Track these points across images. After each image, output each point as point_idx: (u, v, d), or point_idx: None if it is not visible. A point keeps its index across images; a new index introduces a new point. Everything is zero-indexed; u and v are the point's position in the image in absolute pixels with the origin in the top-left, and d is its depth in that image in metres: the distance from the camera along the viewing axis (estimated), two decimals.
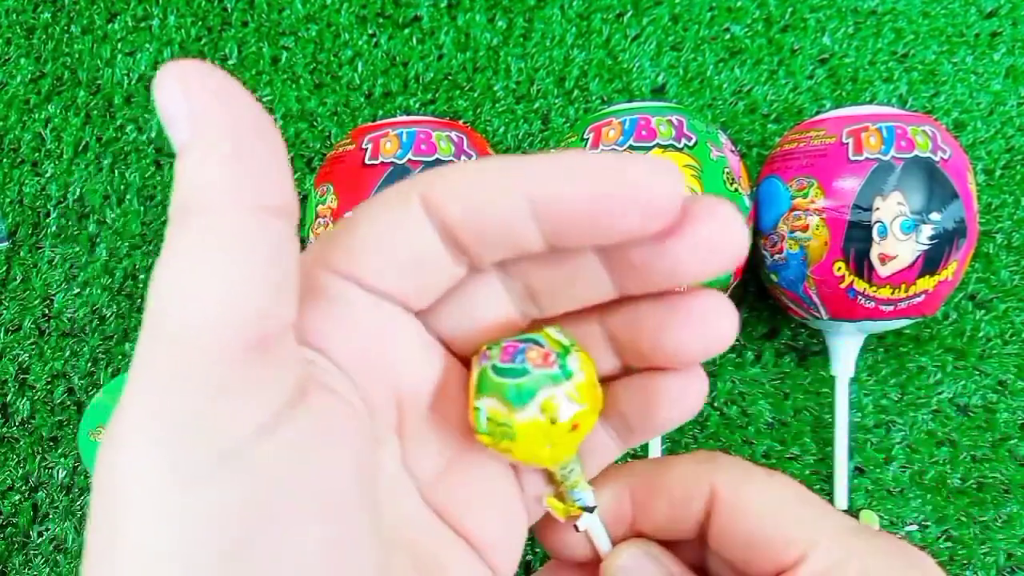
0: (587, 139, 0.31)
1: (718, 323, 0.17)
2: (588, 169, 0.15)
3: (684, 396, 0.18)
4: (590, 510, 0.19)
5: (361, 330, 0.16)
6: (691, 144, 0.30)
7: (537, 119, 0.40)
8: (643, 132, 0.30)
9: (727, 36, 0.41)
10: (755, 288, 0.37)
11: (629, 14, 0.41)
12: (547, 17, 0.41)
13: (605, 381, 0.19)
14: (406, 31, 0.41)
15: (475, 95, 0.40)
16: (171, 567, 0.12)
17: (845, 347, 0.34)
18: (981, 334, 0.37)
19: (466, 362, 0.19)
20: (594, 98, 0.40)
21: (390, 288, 0.17)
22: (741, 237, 0.15)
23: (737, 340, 0.38)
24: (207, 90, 0.13)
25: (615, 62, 0.41)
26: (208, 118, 0.13)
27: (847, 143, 0.31)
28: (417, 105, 0.40)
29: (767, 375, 0.37)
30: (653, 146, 0.30)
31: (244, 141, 0.13)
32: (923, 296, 0.31)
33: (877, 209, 0.29)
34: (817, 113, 0.36)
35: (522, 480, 0.19)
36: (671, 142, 0.30)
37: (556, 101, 0.40)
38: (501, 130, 0.40)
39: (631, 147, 0.30)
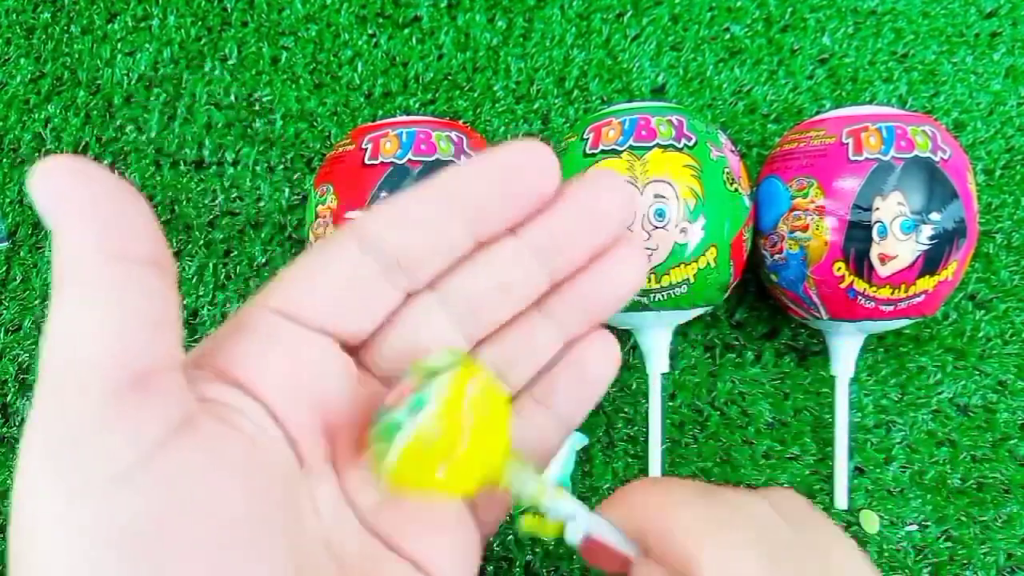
0: (587, 139, 0.31)
1: (625, 266, 0.20)
2: (493, 169, 0.18)
3: (605, 354, 0.21)
4: (571, 518, 0.18)
5: (290, 366, 0.18)
6: (691, 144, 0.30)
7: (537, 119, 0.40)
8: (643, 132, 0.30)
9: (727, 36, 0.41)
10: (755, 288, 0.37)
11: (629, 14, 0.41)
12: (547, 17, 0.41)
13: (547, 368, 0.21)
14: (406, 31, 0.41)
15: (475, 95, 0.40)
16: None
17: (845, 347, 0.34)
18: (981, 334, 0.37)
19: None
20: (594, 98, 0.40)
21: (324, 318, 0.18)
22: (618, 195, 0.20)
23: (737, 340, 0.38)
24: (67, 177, 0.14)
25: (615, 62, 0.41)
26: (70, 201, 0.14)
27: (847, 143, 0.31)
28: (417, 105, 0.40)
29: (767, 375, 0.37)
30: (653, 146, 0.30)
31: (102, 211, 0.14)
32: (923, 296, 0.31)
33: (877, 209, 0.29)
34: (817, 113, 0.36)
35: (478, 500, 0.20)
36: (671, 142, 0.30)
37: (556, 101, 0.40)
38: (501, 130, 0.40)
39: (631, 147, 0.30)
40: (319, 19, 0.41)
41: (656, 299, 0.31)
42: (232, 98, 0.41)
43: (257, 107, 0.41)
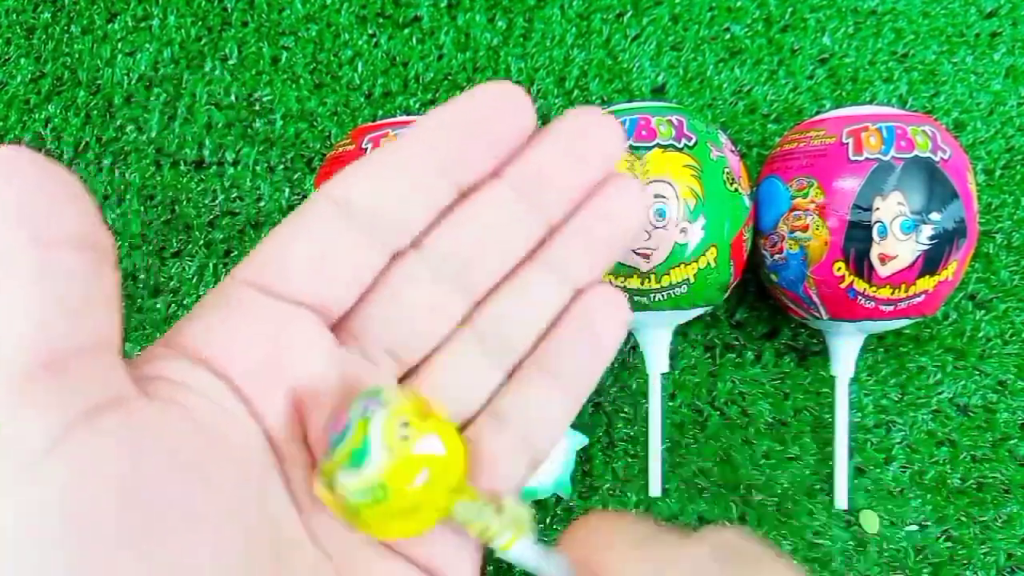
0: None
1: (622, 198, 0.19)
2: (466, 112, 0.18)
3: (613, 307, 0.20)
4: (533, 565, 0.17)
5: (261, 342, 0.17)
6: (691, 144, 0.30)
7: (537, 119, 0.40)
8: (643, 132, 0.30)
9: (727, 36, 0.41)
10: (755, 288, 0.37)
11: (629, 14, 0.41)
12: (547, 17, 0.41)
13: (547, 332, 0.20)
14: (406, 31, 0.41)
15: None
16: None
17: (845, 347, 0.34)
18: (981, 334, 0.37)
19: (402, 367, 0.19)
20: (594, 98, 0.40)
21: (299, 288, 0.17)
22: (604, 126, 0.19)
23: (737, 340, 0.38)
24: None
25: (615, 62, 0.41)
26: None
27: (847, 143, 0.31)
28: (417, 105, 0.40)
29: (767, 375, 0.37)
30: (653, 146, 0.30)
31: (30, 198, 0.14)
32: (923, 296, 0.31)
33: (877, 209, 0.29)
34: (817, 113, 0.36)
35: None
36: (671, 142, 0.30)
37: (556, 101, 0.40)
38: None
39: (631, 147, 0.30)
40: (319, 19, 0.42)
41: (656, 299, 0.31)
42: (232, 98, 0.41)
43: (257, 107, 0.41)
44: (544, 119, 0.40)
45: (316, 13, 0.42)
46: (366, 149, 0.31)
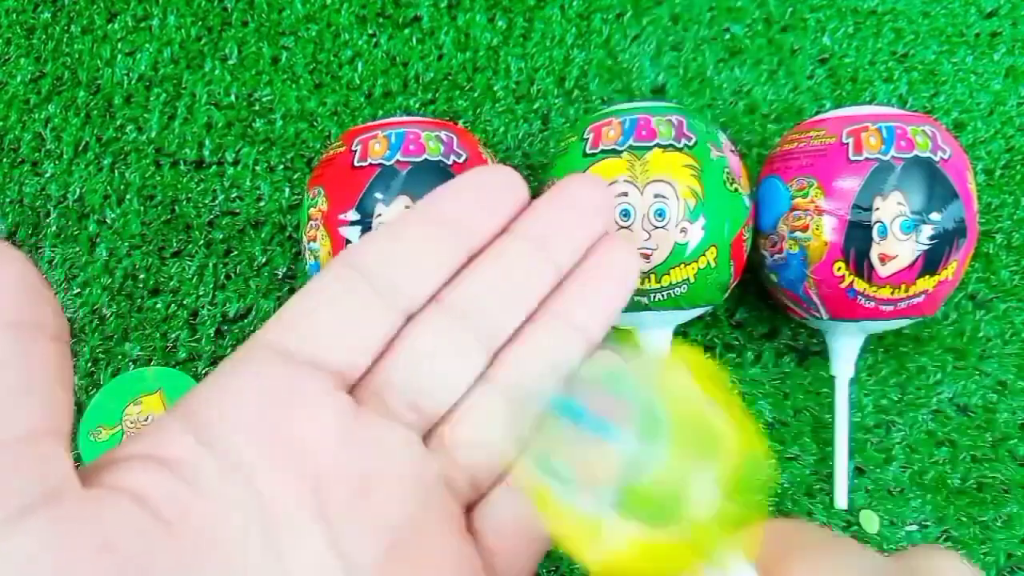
0: (587, 139, 0.31)
1: (617, 254, 0.22)
2: (469, 185, 0.21)
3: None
4: None
5: (269, 406, 0.17)
6: (691, 144, 0.30)
7: (537, 119, 0.40)
8: (643, 132, 0.30)
9: (727, 36, 0.41)
10: (755, 288, 0.37)
11: (629, 14, 0.41)
12: (547, 17, 0.41)
13: None
14: (406, 31, 0.41)
15: (475, 95, 0.40)
16: None
17: (845, 347, 0.34)
18: (981, 334, 0.37)
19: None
20: (594, 98, 0.40)
21: (315, 349, 0.17)
22: (596, 190, 0.23)
23: (737, 340, 0.38)
24: None
25: (615, 62, 0.41)
26: None
27: (847, 143, 0.30)
28: (417, 105, 0.40)
29: (767, 375, 0.37)
30: (653, 146, 0.30)
31: None
32: (923, 296, 0.31)
33: (877, 209, 0.29)
34: (817, 113, 0.36)
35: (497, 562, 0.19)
36: (671, 142, 0.30)
37: (556, 101, 0.40)
38: (501, 130, 0.40)
39: (631, 147, 0.30)
40: (319, 19, 0.42)
41: (656, 299, 0.31)
42: (232, 98, 0.41)
43: (257, 107, 0.41)
44: (544, 119, 0.40)
45: (316, 13, 0.42)
46: (355, 151, 0.31)
